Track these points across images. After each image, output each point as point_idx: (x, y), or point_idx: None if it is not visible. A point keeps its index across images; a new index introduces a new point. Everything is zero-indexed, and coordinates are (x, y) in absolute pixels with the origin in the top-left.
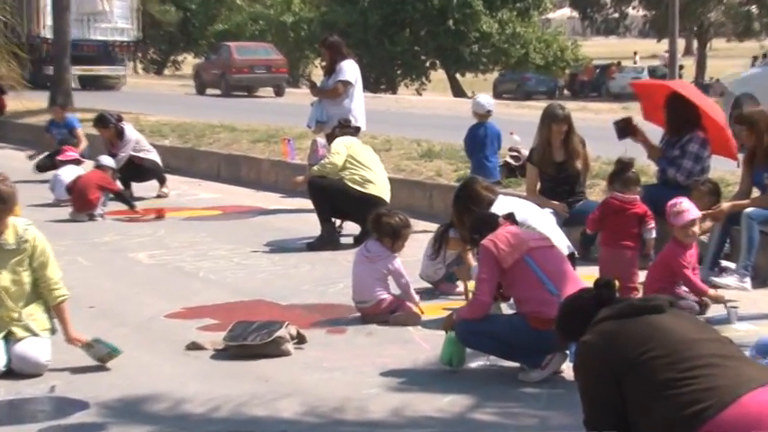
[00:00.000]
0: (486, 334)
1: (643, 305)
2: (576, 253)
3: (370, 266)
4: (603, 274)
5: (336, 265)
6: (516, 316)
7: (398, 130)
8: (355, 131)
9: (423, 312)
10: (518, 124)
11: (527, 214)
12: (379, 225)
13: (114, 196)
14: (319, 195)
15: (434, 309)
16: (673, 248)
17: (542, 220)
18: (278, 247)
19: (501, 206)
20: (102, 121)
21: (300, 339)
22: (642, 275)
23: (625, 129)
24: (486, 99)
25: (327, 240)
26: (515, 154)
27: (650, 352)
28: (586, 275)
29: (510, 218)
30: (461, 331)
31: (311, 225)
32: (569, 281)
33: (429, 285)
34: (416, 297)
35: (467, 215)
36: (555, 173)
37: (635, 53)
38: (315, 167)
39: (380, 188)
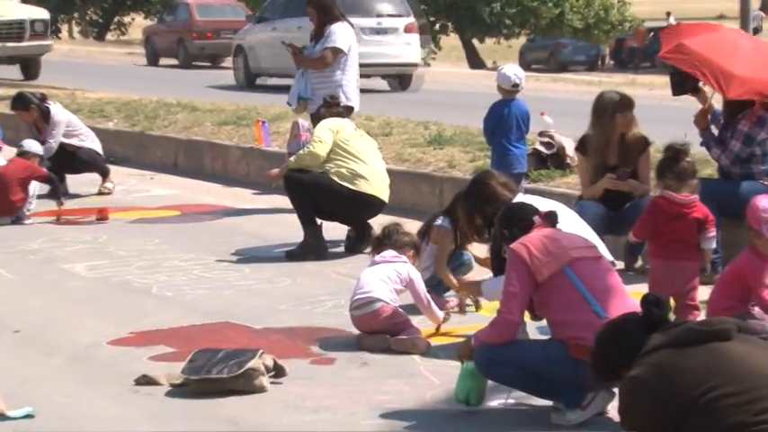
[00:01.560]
0: (514, 364)
1: (705, 330)
2: (614, 262)
3: (377, 267)
4: (655, 292)
5: (323, 278)
6: (553, 343)
7: (401, 110)
8: (346, 112)
9: (439, 330)
10: (550, 103)
11: (563, 219)
12: (401, 235)
13: (47, 188)
14: (299, 192)
15: (443, 335)
16: (750, 260)
17: (578, 228)
18: (250, 257)
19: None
20: (20, 101)
21: (278, 372)
22: (703, 292)
23: (684, 82)
24: (514, 70)
25: (312, 248)
26: (547, 140)
27: (716, 390)
28: (635, 293)
29: (549, 218)
30: (482, 360)
31: (291, 228)
32: (621, 301)
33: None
34: (439, 314)
35: (478, 215)
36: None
37: (668, 14)
38: (292, 158)
39: (375, 185)
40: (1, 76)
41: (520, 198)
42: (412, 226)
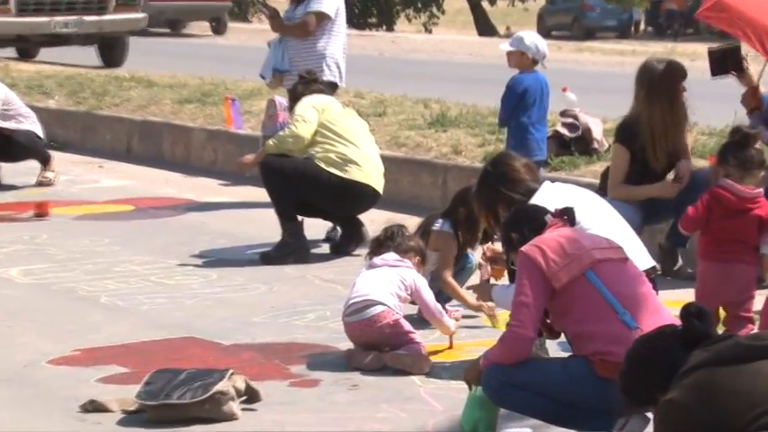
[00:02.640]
0: (528, 387)
1: (757, 345)
2: (657, 267)
3: (377, 271)
4: (704, 300)
5: (305, 285)
6: (575, 360)
7: (397, 85)
8: (328, 89)
9: (452, 347)
10: (574, 76)
11: (586, 214)
12: (406, 239)
13: None
14: (278, 182)
15: (449, 351)
16: None
17: (609, 224)
18: (217, 260)
19: (546, 198)
20: None
21: (251, 396)
22: (758, 301)
23: (724, 60)
24: (533, 38)
25: (291, 248)
26: (570, 120)
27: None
28: (673, 302)
29: (566, 215)
30: (492, 383)
31: (267, 226)
32: (654, 311)
33: (412, 308)
34: (452, 324)
35: (501, 204)
36: (664, 162)
37: None
38: (271, 141)
39: (369, 172)
40: (75, 60)
41: (545, 187)
42: (411, 222)
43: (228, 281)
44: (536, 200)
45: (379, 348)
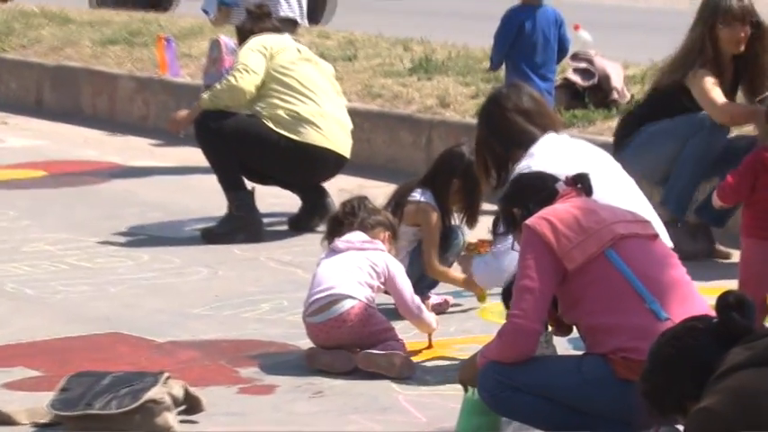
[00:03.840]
0: (533, 390)
1: None
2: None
3: (342, 257)
4: (748, 287)
5: (257, 268)
6: (590, 359)
7: (370, 22)
8: (285, 26)
9: (431, 346)
10: (589, 10)
11: (597, 180)
12: (370, 212)
13: None
14: (216, 146)
15: (429, 350)
16: None
17: (625, 194)
18: (149, 238)
19: (543, 154)
20: None
21: (191, 405)
22: None
23: None
24: None
25: (239, 224)
26: (584, 65)
27: None
28: (709, 289)
29: (580, 182)
30: (488, 385)
31: (209, 196)
32: (687, 299)
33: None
34: (433, 320)
35: (491, 159)
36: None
37: None
38: (205, 95)
39: (330, 133)
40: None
41: (546, 141)
42: (388, 191)
43: (163, 263)
44: (531, 158)
45: (349, 349)
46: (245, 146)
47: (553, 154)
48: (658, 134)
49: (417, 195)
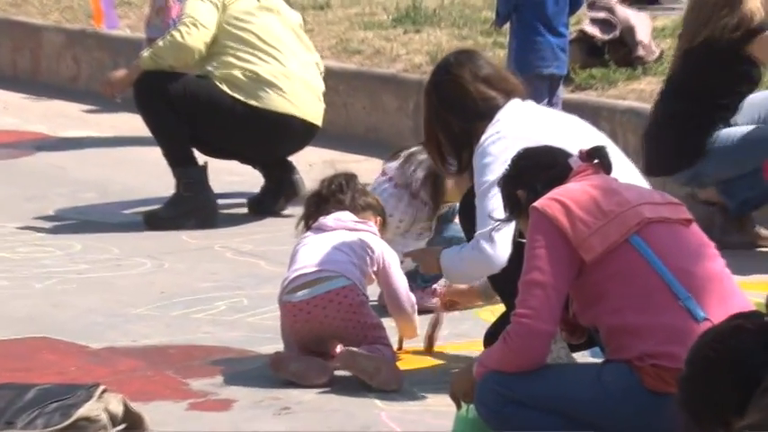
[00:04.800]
0: (543, 404)
1: None
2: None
3: (331, 235)
4: None
5: (211, 259)
6: (612, 367)
7: None
8: None
9: (431, 348)
10: None
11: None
12: (360, 193)
13: None
14: (159, 113)
15: (409, 355)
16: None
17: (622, 168)
18: (82, 223)
19: (515, 118)
20: None
21: (132, 424)
22: None
23: None
24: None
25: (189, 206)
26: (603, 15)
27: None
28: (752, 284)
29: (597, 156)
30: (489, 400)
31: (155, 173)
32: (727, 296)
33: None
34: (417, 325)
35: (442, 134)
36: None
37: None
38: (146, 53)
39: (294, 97)
40: None
41: (511, 107)
42: (368, 167)
43: (98, 254)
44: (498, 123)
45: (326, 349)
46: (195, 113)
47: (527, 118)
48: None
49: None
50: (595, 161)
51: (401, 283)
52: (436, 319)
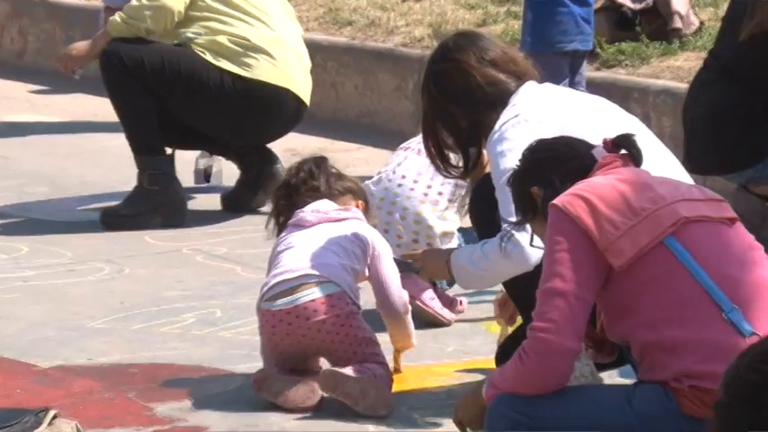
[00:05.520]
0: None
1: None
2: None
3: (313, 232)
4: None
5: (178, 264)
6: (645, 389)
7: None
8: None
9: (400, 370)
10: None
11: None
12: (334, 178)
13: None
14: (128, 88)
15: (414, 372)
16: None
17: (659, 158)
18: (29, 222)
19: (534, 100)
20: None
21: None
22: None
23: None
24: None
25: (155, 202)
26: None
27: None
28: None
29: (625, 146)
30: (500, 428)
31: (114, 163)
32: None
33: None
34: (413, 331)
35: (443, 127)
36: None
37: None
38: (117, 17)
39: (286, 67)
40: None
41: (527, 90)
42: (360, 156)
43: (48, 258)
44: (515, 107)
45: (309, 367)
46: (174, 88)
47: (548, 101)
48: None
49: None
50: (623, 151)
51: (392, 277)
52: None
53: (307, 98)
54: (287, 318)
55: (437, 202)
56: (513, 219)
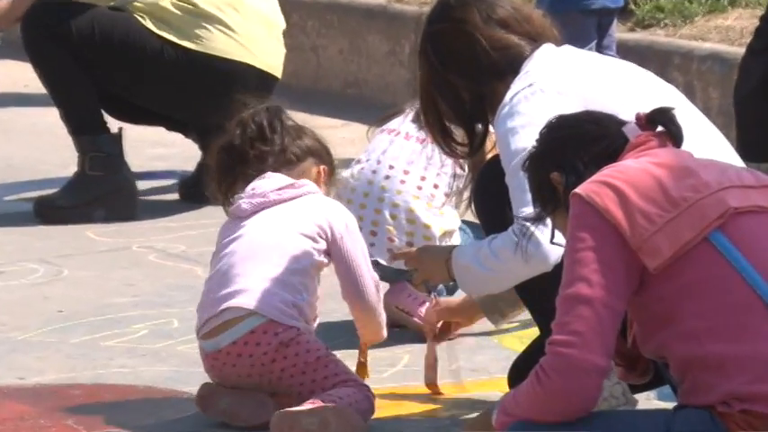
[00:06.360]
0: None
1: None
2: None
3: (253, 226)
4: None
5: (127, 264)
6: (689, 414)
7: None
8: None
9: (365, 364)
10: None
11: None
12: (287, 131)
13: None
14: (59, 56)
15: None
16: None
17: (703, 135)
18: None
19: (551, 65)
20: None
21: None
22: None
23: None
24: None
25: (98, 191)
26: None
27: None
28: None
29: (663, 122)
30: None
31: (50, 144)
32: None
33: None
34: (384, 326)
35: (442, 96)
36: None
37: None
38: None
39: (250, 38)
40: None
41: (544, 52)
42: (345, 135)
43: None
44: (528, 75)
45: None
46: (107, 59)
47: (569, 68)
48: None
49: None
50: (660, 128)
51: (358, 261)
52: (433, 357)
53: (276, 70)
54: (222, 358)
55: (433, 197)
56: (529, 211)
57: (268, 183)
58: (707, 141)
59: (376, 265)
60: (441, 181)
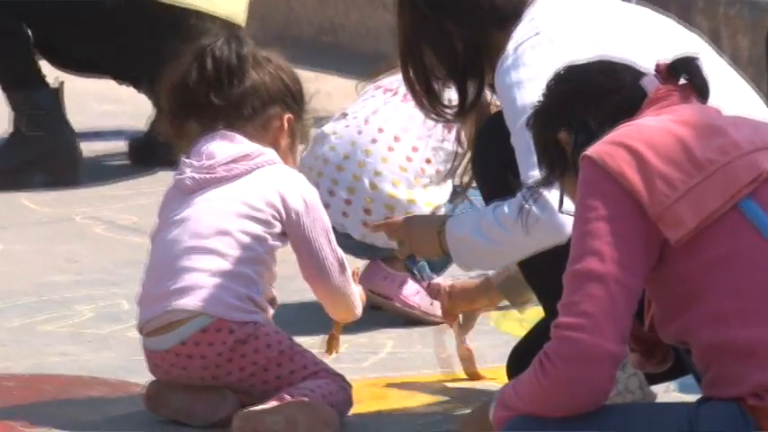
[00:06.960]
0: None
1: None
2: None
3: (198, 207)
4: None
5: (69, 237)
6: (714, 408)
7: None
8: None
9: (336, 339)
10: None
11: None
12: (242, 72)
13: None
14: None
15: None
16: None
17: (731, 88)
18: None
19: (555, 25)
20: None
21: None
22: None
23: None
24: None
25: (33, 153)
26: None
27: None
28: None
29: (686, 72)
30: None
31: None
32: None
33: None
34: (358, 303)
35: (426, 47)
36: None
37: None
38: None
39: None
40: None
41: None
42: (322, 87)
43: None
44: (533, 21)
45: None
46: (47, 5)
47: (579, 14)
48: None
49: None
50: (683, 81)
51: (320, 238)
52: (465, 349)
53: (239, 17)
54: (166, 359)
55: (423, 172)
56: (536, 174)
57: (219, 149)
58: (736, 95)
59: (347, 238)
60: (436, 157)
